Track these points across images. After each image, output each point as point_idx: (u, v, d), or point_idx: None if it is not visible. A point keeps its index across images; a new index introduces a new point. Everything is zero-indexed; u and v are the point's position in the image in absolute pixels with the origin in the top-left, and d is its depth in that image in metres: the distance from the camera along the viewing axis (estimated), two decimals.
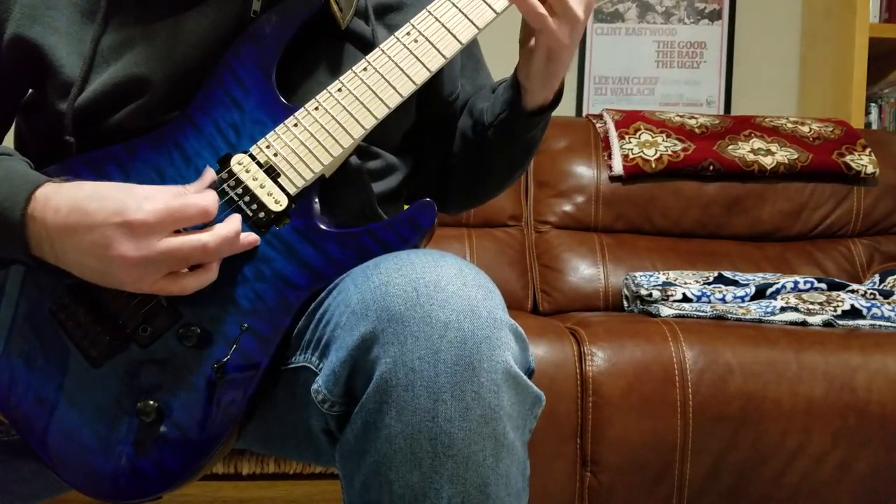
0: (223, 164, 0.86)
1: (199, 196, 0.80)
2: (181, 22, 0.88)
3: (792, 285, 1.93)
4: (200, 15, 0.88)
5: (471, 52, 1.10)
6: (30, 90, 0.94)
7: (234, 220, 0.82)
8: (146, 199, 0.78)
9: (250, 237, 0.83)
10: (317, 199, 0.85)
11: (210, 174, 0.84)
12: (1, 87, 0.92)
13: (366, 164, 0.92)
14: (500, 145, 1.01)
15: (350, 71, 0.86)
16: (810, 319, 1.78)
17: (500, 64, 1.27)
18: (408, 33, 0.86)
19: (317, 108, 0.85)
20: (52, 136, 0.88)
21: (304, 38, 0.90)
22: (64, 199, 0.80)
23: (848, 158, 2.27)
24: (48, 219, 0.80)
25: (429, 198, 1.05)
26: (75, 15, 0.89)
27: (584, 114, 2.79)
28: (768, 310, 1.84)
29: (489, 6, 0.87)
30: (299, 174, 0.85)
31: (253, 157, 0.85)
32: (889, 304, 1.85)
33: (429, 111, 1.03)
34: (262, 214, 0.84)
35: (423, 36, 0.86)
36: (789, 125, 2.34)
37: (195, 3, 0.89)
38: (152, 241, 0.77)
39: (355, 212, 0.90)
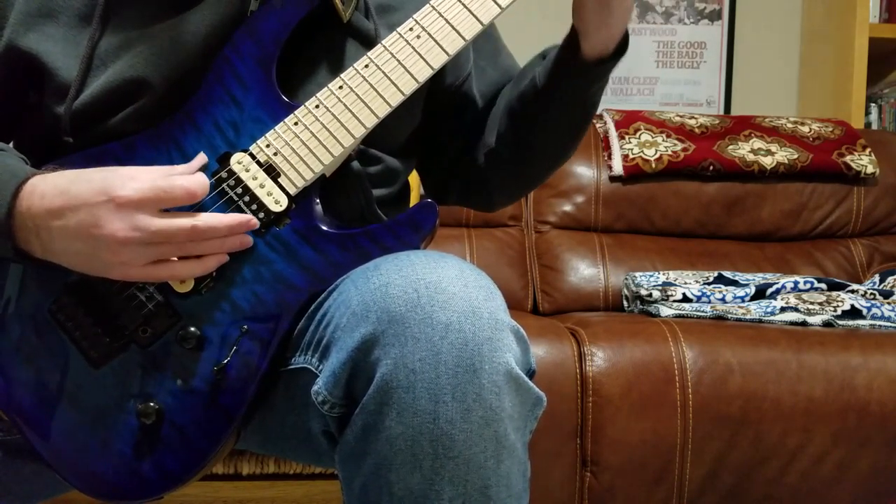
0: (223, 162, 0.85)
1: (185, 177, 0.79)
2: (179, 23, 0.88)
3: (792, 285, 1.93)
4: (198, 16, 0.88)
5: (488, 34, 1.06)
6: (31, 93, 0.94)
7: (232, 217, 0.81)
8: (131, 178, 0.78)
9: (243, 239, 0.82)
10: (317, 200, 0.85)
11: (201, 158, 0.83)
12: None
13: (366, 169, 0.92)
14: (557, 107, 0.96)
15: (352, 68, 0.85)
16: (810, 319, 1.78)
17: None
18: (410, 29, 0.85)
19: (318, 107, 0.85)
20: (51, 138, 0.88)
21: (306, 32, 0.89)
22: (50, 185, 0.80)
23: (848, 158, 2.27)
24: (34, 207, 0.79)
25: (466, 196, 1.03)
26: (73, 20, 0.88)
27: None
28: (768, 310, 1.83)
29: (494, 1, 0.85)
30: (300, 174, 0.84)
31: (253, 157, 0.85)
32: (889, 304, 1.85)
33: (431, 104, 1.02)
34: (261, 215, 0.84)
35: (427, 32, 0.84)
36: (789, 125, 2.34)
37: (193, 4, 0.88)
38: (139, 219, 0.77)
39: (355, 215, 0.90)
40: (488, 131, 1.04)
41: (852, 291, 1.91)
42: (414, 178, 1.13)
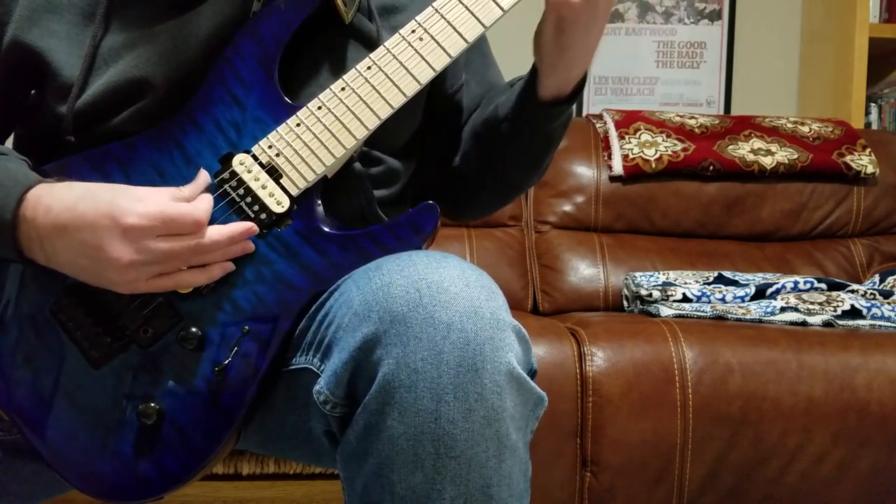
0: (224, 163, 0.85)
1: (192, 206, 0.80)
2: (182, 23, 0.88)
3: (792, 285, 1.93)
4: (201, 16, 0.88)
5: (479, 48, 1.06)
6: (32, 91, 0.94)
7: (233, 227, 0.82)
8: (139, 202, 0.78)
9: (245, 245, 0.83)
10: (319, 201, 0.85)
11: (204, 177, 0.83)
12: (1, 90, 0.92)
13: (368, 170, 0.92)
14: (515, 139, 0.97)
15: (354, 70, 0.85)
16: (810, 319, 1.78)
17: (508, 67, 1.23)
18: (413, 31, 0.85)
19: (320, 108, 0.85)
20: (53, 138, 0.88)
21: (308, 33, 0.89)
22: (56, 199, 0.80)
23: (848, 158, 2.27)
24: (39, 219, 0.79)
25: (444, 203, 1.03)
26: (76, 18, 0.88)
27: (584, 114, 2.79)
28: (768, 310, 1.83)
29: (496, 4, 0.85)
30: (301, 175, 0.84)
31: (255, 157, 0.85)
32: (889, 304, 1.85)
33: (430, 106, 1.02)
34: (263, 216, 0.84)
35: (429, 34, 0.85)
36: (789, 125, 2.34)
37: (195, 5, 0.88)
38: (144, 244, 0.78)
39: (356, 216, 0.90)
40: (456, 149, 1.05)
41: (852, 291, 1.91)
42: None
